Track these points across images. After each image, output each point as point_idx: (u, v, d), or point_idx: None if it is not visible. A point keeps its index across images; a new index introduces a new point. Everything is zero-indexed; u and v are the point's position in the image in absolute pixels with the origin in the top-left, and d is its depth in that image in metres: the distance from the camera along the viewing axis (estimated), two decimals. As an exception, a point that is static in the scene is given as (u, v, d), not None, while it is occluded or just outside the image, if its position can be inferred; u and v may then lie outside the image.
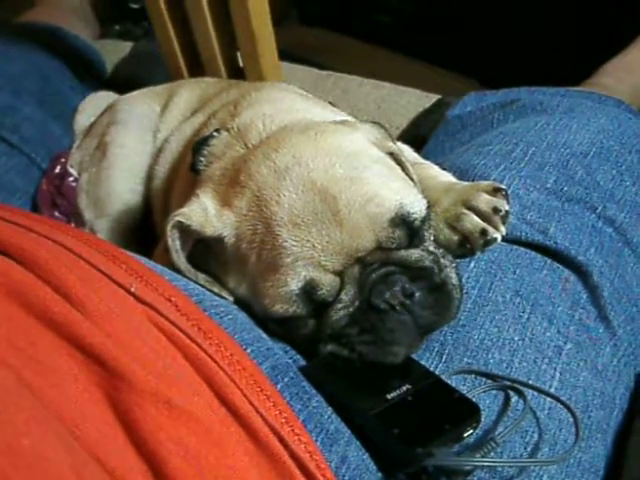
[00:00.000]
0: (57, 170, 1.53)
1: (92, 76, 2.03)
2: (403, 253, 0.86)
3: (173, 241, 0.91)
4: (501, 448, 0.77)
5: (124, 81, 1.94)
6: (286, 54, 1.89)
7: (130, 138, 1.44)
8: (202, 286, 0.90)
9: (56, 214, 1.47)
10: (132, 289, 0.70)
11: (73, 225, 1.42)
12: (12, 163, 1.56)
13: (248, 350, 0.77)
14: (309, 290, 0.84)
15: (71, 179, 1.49)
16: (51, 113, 1.74)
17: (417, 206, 0.88)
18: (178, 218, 0.90)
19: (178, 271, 0.90)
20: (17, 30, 2.01)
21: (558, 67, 1.85)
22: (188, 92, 1.49)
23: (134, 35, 2.35)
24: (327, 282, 0.84)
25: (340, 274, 0.85)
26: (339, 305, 0.85)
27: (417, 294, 0.84)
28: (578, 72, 1.60)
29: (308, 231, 0.84)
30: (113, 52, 2.18)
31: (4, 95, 1.66)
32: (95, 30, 2.29)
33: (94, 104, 1.77)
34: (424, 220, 0.89)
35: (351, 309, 0.85)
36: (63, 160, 1.54)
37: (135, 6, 2.43)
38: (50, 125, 1.71)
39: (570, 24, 2.29)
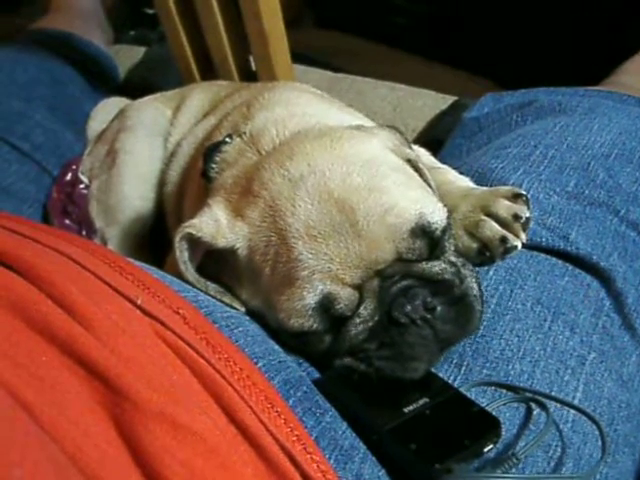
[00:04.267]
0: (68, 177, 1.52)
1: (105, 82, 2.03)
2: (424, 265, 0.84)
3: (181, 252, 0.88)
4: (523, 464, 0.74)
5: (137, 86, 1.94)
6: (301, 57, 1.88)
7: (139, 144, 1.43)
8: (213, 297, 0.88)
9: (67, 222, 1.46)
10: (138, 302, 0.68)
11: (84, 233, 1.41)
12: (23, 171, 1.55)
13: (259, 364, 0.75)
14: (326, 304, 0.81)
15: (82, 186, 1.48)
16: (63, 120, 1.73)
17: (438, 216, 0.85)
18: (188, 230, 0.88)
19: (187, 282, 0.88)
20: (29, 36, 2.02)
21: (575, 67, 1.82)
22: (200, 95, 1.47)
23: (149, 40, 2.34)
24: (345, 296, 0.81)
25: (359, 287, 0.82)
26: (358, 320, 0.82)
27: (438, 308, 0.81)
28: (595, 72, 1.56)
29: (325, 243, 0.81)
30: (127, 57, 2.18)
31: (15, 102, 1.66)
32: (109, 36, 2.29)
33: (106, 110, 1.77)
34: (445, 230, 0.86)
35: (370, 323, 0.82)
36: (74, 167, 1.53)
37: (150, 11, 2.42)
38: (62, 132, 1.70)
39: (587, 23, 2.26)
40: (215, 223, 0.88)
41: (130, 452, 0.55)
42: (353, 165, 0.85)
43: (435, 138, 1.57)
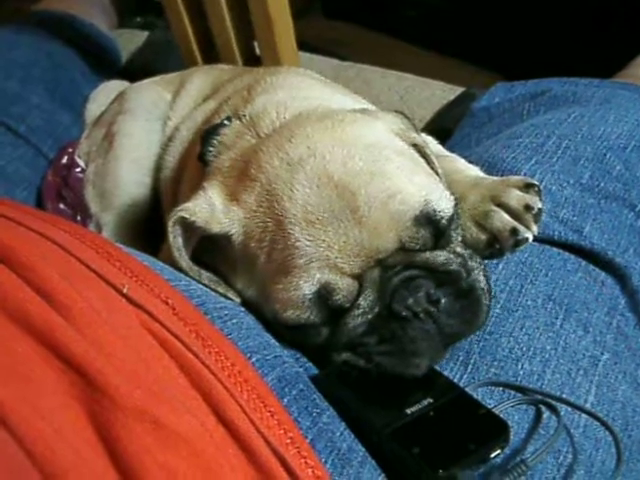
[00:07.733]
0: (64, 160, 1.49)
1: (106, 65, 2.00)
2: (428, 255, 0.80)
3: (175, 238, 0.85)
4: (532, 470, 0.70)
5: (139, 70, 1.90)
6: (309, 47, 1.87)
7: (138, 128, 1.39)
8: (206, 286, 0.84)
9: (61, 206, 1.43)
10: (124, 290, 0.64)
11: (79, 218, 1.38)
12: (18, 153, 1.53)
13: (253, 359, 0.71)
14: (324, 295, 0.77)
15: (78, 170, 1.44)
16: (60, 102, 1.71)
17: (444, 204, 0.81)
18: (181, 214, 0.84)
19: (181, 269, 0.84)
20: (30, 17, 1.99)
21: (586, 61, 1.79)
22: (201, 78, 1.44)
23: (155, 27, 2.31)
24: (344, 286, 0.77)
25: (358, 277, 0.78)
26: (357, 311, 0.78)
27: (443, 300, 0.77)
28: (607, 66, 1.52)
29: (324, 230, 0.77)
30: (130, 41, 2.15)
31: (12, 83, 1.63)
32: (112, 20, 2.26)
33: (106, 93, 1.74)
34: (451, 219, 0.82)
35: (370, 316, 0.78)
36: (71, 150, 1.50)
37: (157, -1, 2.39)
38: (59, 114, 1.68)
39: (598, 18, 2.24)
40: (209, 207, 0.84)
41: (107, 453, 0.51)
42: (355, 148, 0.81)
43: (443, 128, 1.53)
